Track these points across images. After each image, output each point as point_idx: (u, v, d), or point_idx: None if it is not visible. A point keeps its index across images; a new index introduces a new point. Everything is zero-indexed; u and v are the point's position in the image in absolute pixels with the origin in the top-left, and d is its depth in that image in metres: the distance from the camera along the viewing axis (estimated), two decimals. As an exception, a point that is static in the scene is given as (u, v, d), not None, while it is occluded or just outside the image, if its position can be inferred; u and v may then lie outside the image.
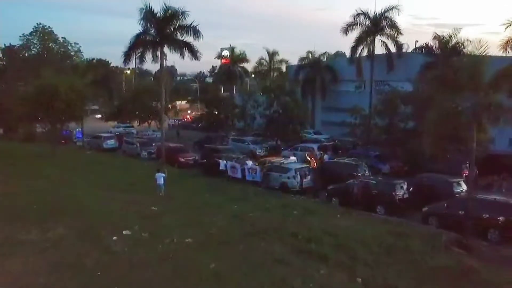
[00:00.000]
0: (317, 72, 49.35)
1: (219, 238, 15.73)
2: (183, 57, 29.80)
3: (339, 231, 16.79)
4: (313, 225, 17.40)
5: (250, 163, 27.84)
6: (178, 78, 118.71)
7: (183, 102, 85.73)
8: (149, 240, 15.43)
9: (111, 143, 41.27)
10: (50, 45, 79.38)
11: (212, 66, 66.57)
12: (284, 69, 57.14)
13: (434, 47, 37.93)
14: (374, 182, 21.10)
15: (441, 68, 32.84)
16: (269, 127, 38.07)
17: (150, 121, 50.88)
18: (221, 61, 60.51)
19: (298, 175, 24.31)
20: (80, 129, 45.23)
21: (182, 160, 32.77)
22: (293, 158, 28.64)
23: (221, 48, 60.62)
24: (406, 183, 20.80)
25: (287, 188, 24.64)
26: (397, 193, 20.27)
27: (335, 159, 28.15)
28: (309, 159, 27.02)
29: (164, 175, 23.68)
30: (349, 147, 33.73)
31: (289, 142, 37.35)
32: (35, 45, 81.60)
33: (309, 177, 24.60)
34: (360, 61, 44.31)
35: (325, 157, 30.25)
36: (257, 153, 35.43)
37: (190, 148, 39.14)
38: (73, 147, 43.94)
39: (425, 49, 38.81)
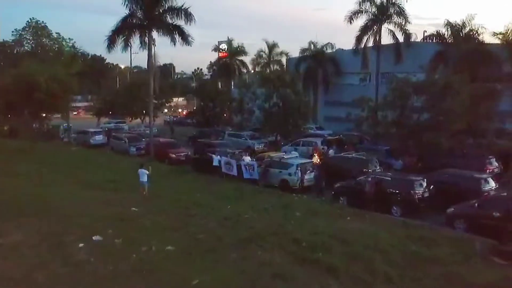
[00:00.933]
0: (319, 64, 46.78)
1: (207, 245, 13.04)
2: (174, 43, 27.14)
3: (350, 236, 14.09)
4: (319, 229, 14.70)
5: (247, 158, 25.14)
6: (177, 76, 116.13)
7: (181, 99, 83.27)
8: (122, 247, 12.73)
9: (99, 138, 38.55)
10: (43, 40, 77.09)
11: (210, 62, 63.54)
12: (284, 62, 54.36)
13: (446, 35, 35.46)
14: (389, 179, 18.35)
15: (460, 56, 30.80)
16: (268, 121, 35.32)
17: (143, 117, 48.70)
18: (218, 54, 57.83)
19: (299, 172, 21.61)
20: (66, 124, 42.66)
21: (173, 156, 30.05)
22: (294, 153, 25.88)
23: (218, 41, 58.00)
24: (426, 180, 18.03)
25: (288, 186, 21.94)
26: (417, 191, 17.53)
27: (342, 154, 25.38)
28: (314, 154, 24.29)
29: (147, 172, 21.02)
30: (355, 142, 30.94)
31: (289, 137, 34.69)
32: (28, 41, 79.31)
33: (312, 173, 21.88)
34: (366, 51, 41.70)
35: (330, 151, 27.55)
36: (255, 148, 32.76)
37: (184, 143, 36.43)
38: (59, 143, 41.17)
39: (437, 38, 36.32)
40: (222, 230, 14.68)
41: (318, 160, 23.10)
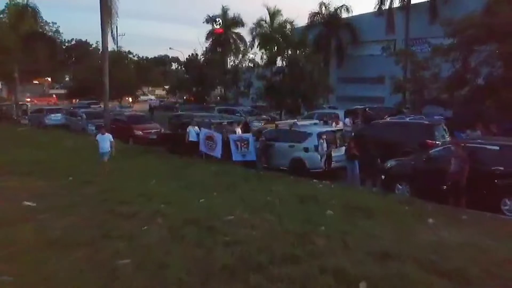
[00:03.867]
0: (332, 32, 38.41)
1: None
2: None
3: (460, 261, 5.94)
4: (392, 250, 6.51)
5: (238, 130, 16.93)
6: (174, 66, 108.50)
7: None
8: None
9: (56, 118, 30.24)
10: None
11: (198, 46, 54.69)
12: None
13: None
14: (497, 147, 9.97)
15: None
16: (270, 93, 27.14)
17: (121, 98, 41.35)
18: (213, 26, 49.26)
19: (325, 145, 13.35)
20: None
21: (139, 133, 21.76)
22: (312, 121, 17.45)
23: (211, 16, 49.24)
24: None
25: (303, 168, 13.69)
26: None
27: (388, 119, 17.03)
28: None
29: (110, 137, 14.67)
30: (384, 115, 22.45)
31: (298, 114, 26.57)
32: (7, 25, 71.46)
33: (343, 149, 13.56)
34: (392, 12, 33.62)
35: (347, 122, 19.49)
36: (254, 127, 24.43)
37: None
38: (11, 124, 32.91)
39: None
40: (167, 257, 6.52)
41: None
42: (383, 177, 11.69)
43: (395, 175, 11.46)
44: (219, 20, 48.00)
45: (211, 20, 48.44)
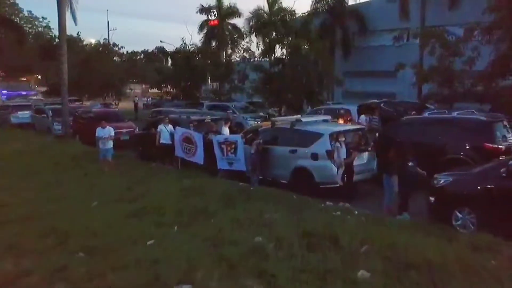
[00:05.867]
0: (338, 20, 34.46)
1: None
2: None
3: None
4: None
5: (226, 130, 13.01)
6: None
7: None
8: None
9: (23, 116, 26.28)
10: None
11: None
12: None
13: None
14: None
15: None
16: (269, 86, 23.26)
17: (105, 95, 37.68)
18: (207, 17, 45.20)
19: (343, 150, 9.38)
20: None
21: (107, 133, 17.83)
22: (320, 117, 13.38)
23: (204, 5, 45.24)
24: None
25: (311, 182, 9.75)
26: None
27: (427, 114, 13.04)
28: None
29: (111, 130, 13.24)
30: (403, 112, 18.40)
31: (300, 110, 22.70)
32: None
33: (365, 155, 9.64)
34: (406, -3, 29.77)
35: (364, 121, 15.55)
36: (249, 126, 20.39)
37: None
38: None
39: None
40: None
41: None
42: (431, 199, 7.77)
43: (452, 198, 7.53)
44: (214, 11, 44.15)
45: (205, 10, 44.59)
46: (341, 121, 13.62)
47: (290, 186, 10.03)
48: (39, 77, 77.64)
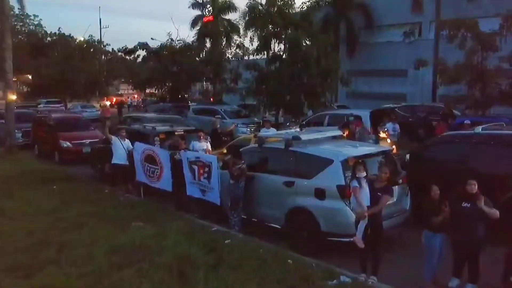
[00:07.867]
0: (342, 14, 31.39)
1: None
2: None
3: None
4: None
5: (206, 145, 9.85)
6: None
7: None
8: None
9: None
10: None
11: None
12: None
13: None
14: None
15: None
16: (264, 86, 20.16)
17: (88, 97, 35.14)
18: (202, 12, 42.11)
19: (365, 189, 5.91)
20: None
21: (66, 144, 14.67)
22: (325, 130, 10.05)
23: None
24: None
25: (314, 231, 6.61)
26: None
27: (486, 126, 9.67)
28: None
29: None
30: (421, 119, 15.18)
31: (300, 114, 19.64)
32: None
33: (396, 189, 6.49)
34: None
35: (392, 130, 12.46)
36: (239, 134, 17.16)
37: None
38: None
39: None
40: None
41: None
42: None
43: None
44: (208, 6, 41.09)
45: (198, 4, 41.50)
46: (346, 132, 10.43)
47: (285, 234, 6.89)
48: (30, 77, 74.81)
